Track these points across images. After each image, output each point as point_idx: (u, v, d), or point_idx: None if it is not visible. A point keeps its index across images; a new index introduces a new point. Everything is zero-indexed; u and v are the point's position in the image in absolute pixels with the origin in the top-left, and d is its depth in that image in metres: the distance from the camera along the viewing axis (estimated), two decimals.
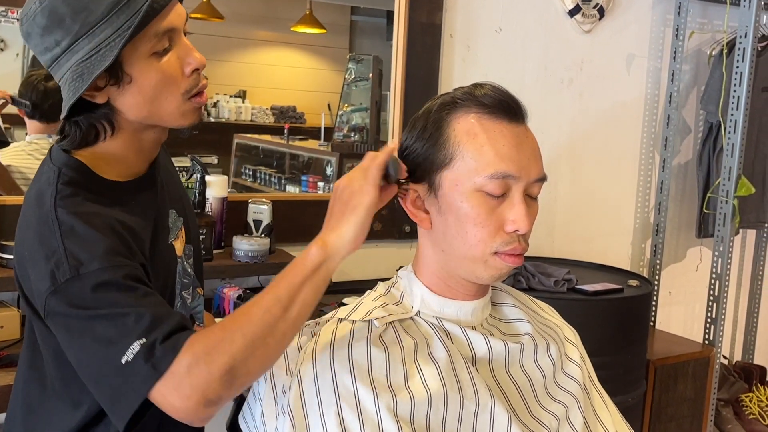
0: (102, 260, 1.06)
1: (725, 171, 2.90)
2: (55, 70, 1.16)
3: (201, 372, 0.98)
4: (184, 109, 1.19)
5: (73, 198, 1.13)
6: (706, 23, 3.28)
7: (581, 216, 3.09)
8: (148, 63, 1.14)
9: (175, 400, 0.99)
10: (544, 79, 2.92)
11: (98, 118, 1.18)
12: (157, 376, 0.99)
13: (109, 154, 1.21)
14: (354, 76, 3.62)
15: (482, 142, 1.08)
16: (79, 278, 1.05)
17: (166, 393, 0.99)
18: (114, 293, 1.05)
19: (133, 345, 1.00)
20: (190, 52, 1.18)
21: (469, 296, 1.16)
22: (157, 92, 1.16)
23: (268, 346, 1.01)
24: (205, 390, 0.98)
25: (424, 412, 1.06)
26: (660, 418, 2.69)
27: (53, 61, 1.15)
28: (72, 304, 1.05)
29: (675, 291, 3.42)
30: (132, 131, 1.21)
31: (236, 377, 0.99)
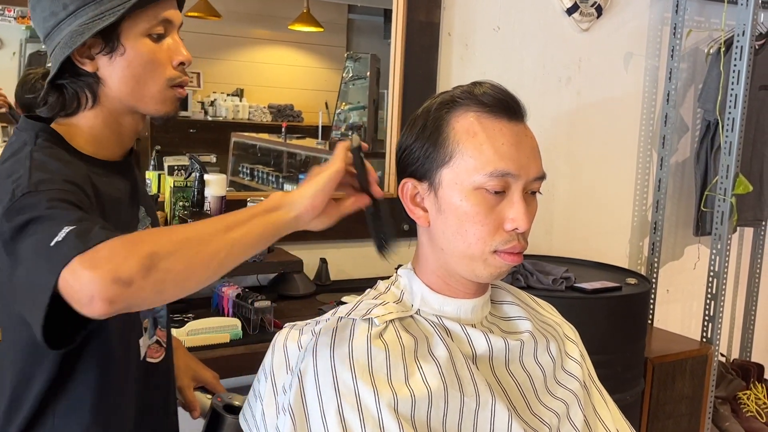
0: (63, 184, 1.07)
1: (723, 169, 2.90)
2: (53, 35, 1.20)
3: (120, 251, 0.94)
4: (165, 96, 1.23)
5: (50, 149, 1.16)
6: (704, 21, 3.29)
7: (579, 214, 3.09)
8: (142, 41, 1.20)
9: (84, 273, 0.92)
10: (542, 78, 2.93)
11: (83, 86, 1.22)
12: (79, 250, 0.93)
13: (86, 129, 1.23)
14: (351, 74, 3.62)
15: (482, 140, 1.08)
16: (37, 193, 1.04)
17: (78, 268, 0.93)
18: (66, 205, 1.04)
19: (67, 228, 0.97)
20: (180, 47, 1.24)
21: (468, 294, 1.16)
22: (145, 71, 1.21)
23: (196, 252, 0.98)
24: (118, 265, 0.92)
25: (425, 409, 1.06)
26: (658, 416, 2.70)
27: (55, 26, 1.19)
28: (20, 211, 1.03)
29: (673, 289, 3.42)
30: (112, 110, 1.23)
31: (155, 265, 0.94)
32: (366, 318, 1.11)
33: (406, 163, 1.15)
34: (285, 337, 1.15)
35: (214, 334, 1.90)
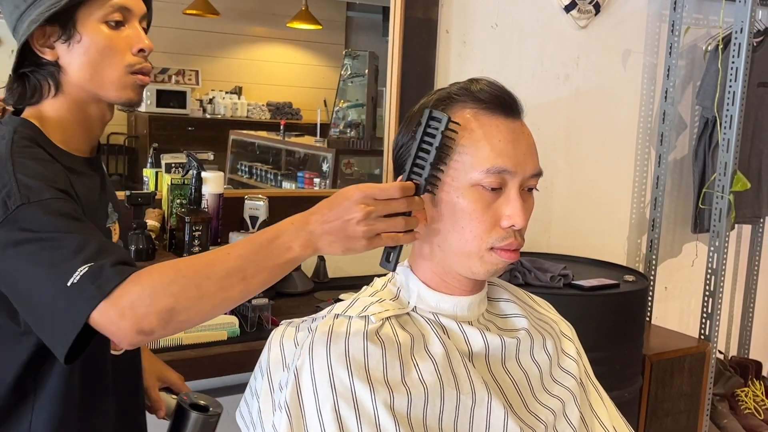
0: (53, 192, 1.10)
1: (721, 166, 2.90)
2: (18, 28, 1.23)
3: (143, 302, 1.00)
4: (124, 82, 1.25)
5: (29, 148, 1.17)
6: (702, 18, 3.28)
7: (577, 211, 3.09)
8: (98, 28, 1.22)
9: (113, 320, 1.00)
10: (540, 75, 2.92)
11: (45, 75, 1.24)
12: (101, 297, 1.00)
13: (54, 120, 1.25)
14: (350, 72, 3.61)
15: (478, 137, 1.08)
16: (30, 205, 1.07)
17: (105, 312, 1.00)
18: (64, 220, 1.07)
19: (80, 268, 1.01)
20: (140, 35, 1.26)
21: (465, 291, 1.16)
22: (102, 58, 1.23)
23: (214, 304, 1.04)
24: (141, 320, 1.00)
25: (421, 407, 1.06)
26: (656, 413, 2.70)
27: (18, 19, 1.22)
28: (22, 228, 1.06)
29: (671, 286, 3.42)
30: (76, 98, 1.25)
31: (174, 319, 1.02)
32: (362, 315, 1.11)
33: (403, 161, 1.15)
34: (281, 334, 1.15)
35: (212, 331, 1.90)
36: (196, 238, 2.08)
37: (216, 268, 1.04)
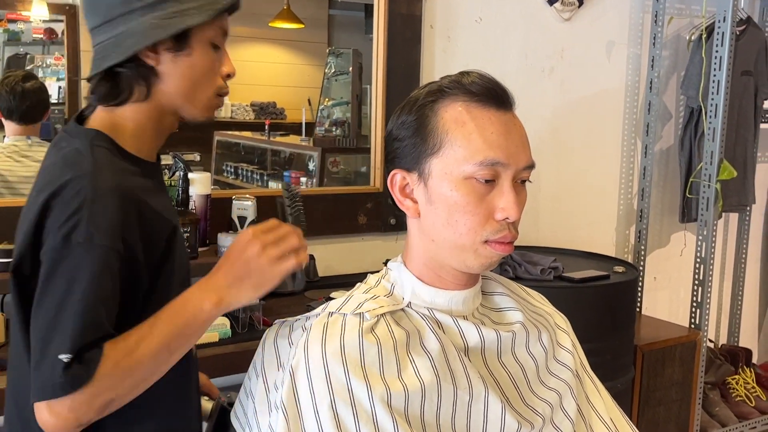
0: (114, 243, 1.11)
1: (707, 155, 2.91)
2: (117, 22, 1.20)
3: (87, 406, 1.07)
4: (211, 103, 1.28)
5: (110, 166, 1.17)
6: (684, 8, 3.29)
7: (566, 204, 3.09)
8: (206, 48, 1.24)
9: (54, 418, 1.07)
10: (525, 68, 2.92)
11: (140, 78, 1.23)
12: (51, 394, 1.06)
13: (131, 126, 1.25)
14: (334, 70, 3.60)
15: (470, 129, 1.07)
16: (91, 247, 1.09)
17: (52, 408, 1.06)
18: (101, 291, 1.09)
19: (67, 354, 1.05)
20: (229, 60, 1.30)
21: (459, 286, 1.15)
22: (203, 77, 1.25)
23: (148, 382, 1.12)
24: (82, 417, 1.07)
25: (418, 403, 1.05)
26: (649, 403, 2.70)
27: (124, 14, 1.19)
28: (73, 258, 1.09)
29: (660, 276, 3.43)
30: (158, 107, 1.25)
31: (110, 407, 1.10)
32: (357, 313, 1.10)
33: (394, 154, 1.14)
34: (275, 333, 1.14)
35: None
36: (184, 240, 2.06)
37: (144, 351, 1.09)
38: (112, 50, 1.20)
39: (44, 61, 2.55)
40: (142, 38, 1.19)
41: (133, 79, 1.22)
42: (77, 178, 1.11)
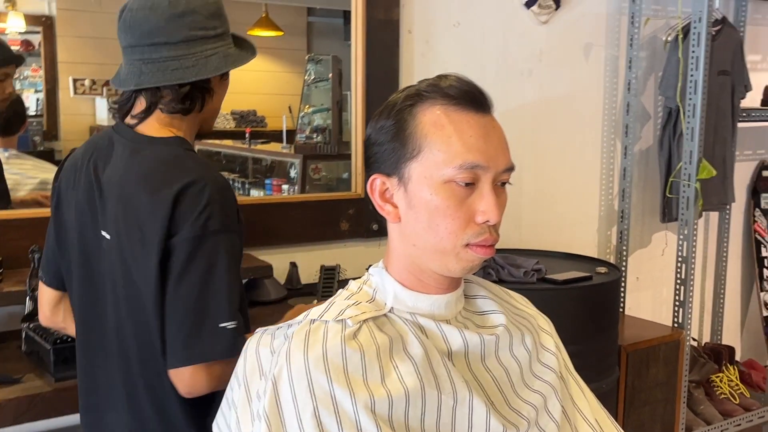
0: (237, 227, 1.39)
1: (686, 155, 2.93)
2: (198, 43, 1.44)
3: (230, 370, 1.19)
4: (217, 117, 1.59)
5: (210, 165, 1.44)
6: (660, 9, 3.31)
7: (547, 206, 3.10)
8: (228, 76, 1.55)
9: (207, 379, 1.32)
10: (504, 72, 2.93)
11: (205, 92, 1.48)
12: (229, 354, 1.28)
13: (186, 131, 1.49)
14: (313, 77, 3.59)
15: (449, 133, 1.07)
16: (227, 233, 1.35)
17: (212, 370, 1.32)
18: (235, 270, 1.36)
19: (231, 321, 1.31)
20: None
21: (441, 290, 1.15)
22: (224, 96, 1.56)
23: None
24: (224, 382, 1.21)
25: (403, 409, 1.04)
26: (634, 404, 2.71)
27: (199, 39, 1.44)
28: (211, 245, 1.33)
29: (642, 276, 3.45)
30: (199, 118, 1.51)
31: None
32: (339, 319, 1.09)
33: (373, 159, 1.13)
34: (257, 342, 1.13)
35: None
36: None
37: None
38: (193, 67, 1.43)
39: (21, 73, 2.53)
40: (225, 63, 1.46)
41: (201, 93, 1.47)
42: (199, 179, 1.34)
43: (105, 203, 1.43)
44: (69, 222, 1.51)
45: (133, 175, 1.39)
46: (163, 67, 1.42)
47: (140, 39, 1.43)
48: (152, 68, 1.43)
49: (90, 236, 1.46)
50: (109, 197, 1.42)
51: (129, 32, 1.44)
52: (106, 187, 1.43)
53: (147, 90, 1.44)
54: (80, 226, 1.48)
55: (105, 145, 1.48)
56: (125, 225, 1.38)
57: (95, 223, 1.45)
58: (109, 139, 1.48)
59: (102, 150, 1.47)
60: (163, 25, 1.42)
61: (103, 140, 1.49)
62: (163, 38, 1.42)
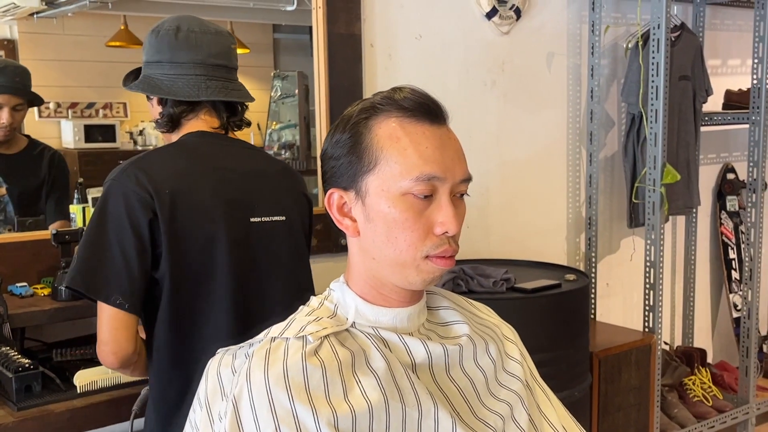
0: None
1: (650, 160, 2.95)
2: (235, 72, 1.76)
3: None
4: None
5: None
6: (620, 17, 3.35)
7: (515, 215, 3.11)
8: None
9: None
10: (467, 83, 2.94)
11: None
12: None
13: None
14: (280, 93, 3.58)
15: (405, 145, 1.07)
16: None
17: None
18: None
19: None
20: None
21: (403, 303, 1.14)
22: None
23: None
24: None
25: (367, 424, 1.03)
26: (608, 410, 2.71)
27: (235, 68, 1.76)
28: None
29: (612, 282, 3.46)
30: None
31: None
32: (300, 336, 1.08)
33: (330, 173, 1.13)
34: (218, 362, 1.12)
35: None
36: None
37: None
38: (241, 90, 1.73)
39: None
40: (248, 95, 1.78)
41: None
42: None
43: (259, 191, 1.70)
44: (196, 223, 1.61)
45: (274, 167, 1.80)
46: (225, 86, 1.67)
47: (207, 58, 1.64)
48: (217, 85, 1.65)
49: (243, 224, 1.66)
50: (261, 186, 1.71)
51: (194, 50, 1.64)
52: (248, 179, 1.69)
53: (220, 104, 1.68)
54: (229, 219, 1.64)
55: (211, 151, 1.68)
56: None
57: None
58: (211, 145, 1.68)
59: (207, 154, 1.67)
60: (227, 51, 1.68)
61: (201, 147, 1.68)
62: (225, 61, 1.67)
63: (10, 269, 2.07)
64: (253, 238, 1.67)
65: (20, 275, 2.07)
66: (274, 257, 1.70)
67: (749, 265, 3.43)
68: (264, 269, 1.69)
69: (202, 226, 1.59)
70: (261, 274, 1.69)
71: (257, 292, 1.68)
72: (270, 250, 1.69)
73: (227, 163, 1.67)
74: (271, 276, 1.70)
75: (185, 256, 1.57)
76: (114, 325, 1.52)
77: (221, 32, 1.67)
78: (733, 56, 3.89)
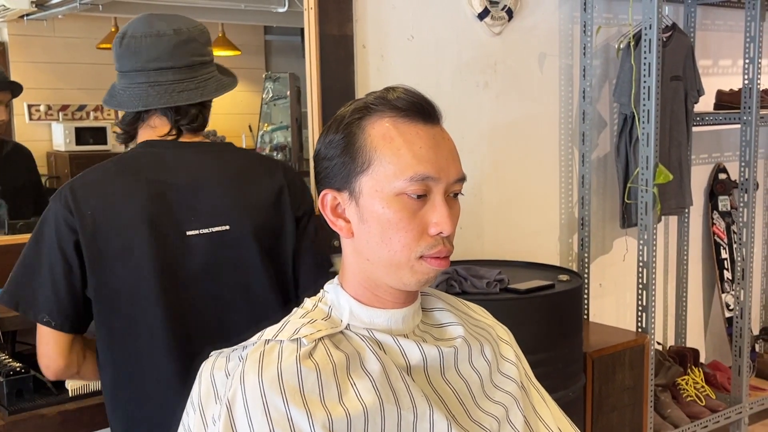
0: None
1: (643, 160, 2.95)
2: (193, 69, 1.61)
3: None
4: None
5: None
6: (612, 18, 3.35)
7: (508, 216, 3.11)
8: None
9: None
10: (459, 84, 2.94)
11: (205, 112, 1.69)
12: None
13: None
14: (272, 95, 3.58)
15: (399, 145, 1.06)
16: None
17: None
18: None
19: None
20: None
21: (398, 304, 1.14)
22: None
23: None
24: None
25: (362, 426, 1.03)
26: (602, 410, 2.71)
27: (197, 64, 1.61)
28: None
29: (605, 282, 3.47)
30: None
31: None
32: (294, 338, 1.07)
33: (324, 174, 1.12)
34: (212, 365, 1.11)
35: None
36: None
37: None
38: (196, 89, 1.60)
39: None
40: (220, 87, 1.65)
41: (205, 112, 1.68)
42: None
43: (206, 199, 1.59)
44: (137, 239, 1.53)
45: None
46: (170, 89, 1.55)
47: (146, 64, 1.54)
48: (159, 90, 1.55)
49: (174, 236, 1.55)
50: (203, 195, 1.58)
51: (134, 57, 1.55)
52: (187, 189, 1.57)
53: (166, 109, 1.57)
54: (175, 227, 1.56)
55: (149, 161, 1.58)
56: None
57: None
58: (153, 155, 1.59)
59: (145, 166, 1.57)
60: (170, 52, 1.55)
61: (141, 157, 1.60)
62: (169, 63, 1.55)
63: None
64: (195, 254, 1.54)
65: None
66: (230, 276, 1.57)
67: (741, 265, 3.44)
68: (213, 293, 1.56)
69: (126, 245, 1.52)
70: (209, 301, 1.56)
71: (203, 324, 1.56)
72: (219, 267, 1.56)
73: (163, 176, 1.56)
74: (228, 300, 1.57)
75: (111, 278, 1.53)
76: (44, 341, 1.55)
77: (163, 33, 1.55)
78: (725, 56, 3.90)
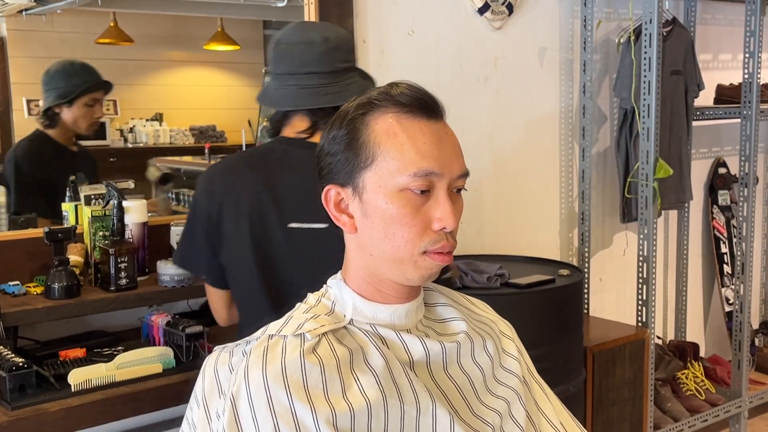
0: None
1: (643, 155, 2.96)
2: (337, 75, 1.73)
3: None
4: None
5: None
6: (612, 12, 3.35)
7: (508, 211, 3.11)
8: None
9: None
10: (459, 78, 2.94)
11: None
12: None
13: None
14: None
15: (402, 141, 1.06)
16: None
17: None
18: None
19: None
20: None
21: (401, 299, 1.14)
22: None
23: None
24: None
25: (365, 421, 1.03)
26: (602, 404, 2.72)
27: (341, 70, 1.74)
28: None
29: (605, 277, 3.47)
30: None
31: None
32: (298, 334, 1.07)
33: (327, 170, 1.12)
34: (215, 360, 1.11)
35: (146, 365, 1.83)
36: (122, 270, 2.02)
37: None
38: (338, 93, 1.70)
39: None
40: (360, 91, 1.63)
41: None
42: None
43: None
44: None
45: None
46: (316, 92, 1.69)
47: (298, 68, 1.70)
48: (308, 92, 1.69)
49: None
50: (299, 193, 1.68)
51: (287, 62, 1.72)
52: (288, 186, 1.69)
53: (308, 110, 1.70)
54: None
55: (277, 156, 1.72)
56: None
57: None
58: (282, 152, 1.72)
59: (272, 161, 1.71)
60: (319, 59, 1.70)
61: (271, 153, 1.74)
62: (317, 68, 1.70)
63: (2, 267, 2.06)
64: (294, 244, 1.69)
65: (13, 274, 2.06)
66: (318, 267, 1.70)
67: (741, 259, 3.44)
68: (301, 278, 1.67)
69: (236, 229, 1.70)
70: (299, 281, 1.69)
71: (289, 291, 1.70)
72: (310, 258, 1.68)
73: (282, 170, 1.71)
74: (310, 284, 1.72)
75: (224, 253, 1.73)
76: (209, 296, 1.85)
77: (313, 41, 1.72)
78: (725, 51, 3.90)
